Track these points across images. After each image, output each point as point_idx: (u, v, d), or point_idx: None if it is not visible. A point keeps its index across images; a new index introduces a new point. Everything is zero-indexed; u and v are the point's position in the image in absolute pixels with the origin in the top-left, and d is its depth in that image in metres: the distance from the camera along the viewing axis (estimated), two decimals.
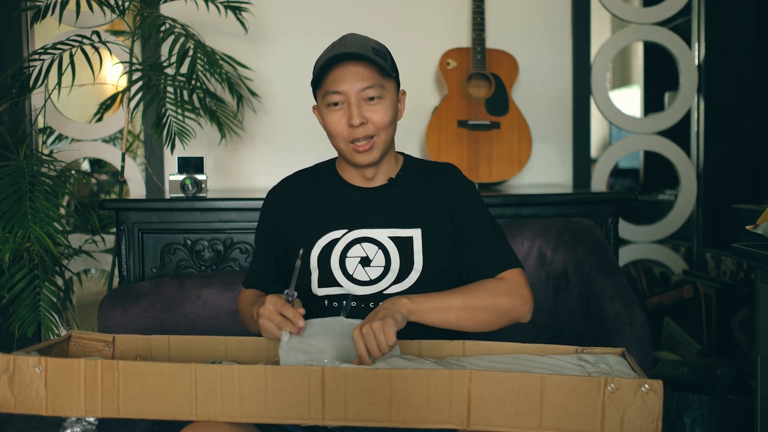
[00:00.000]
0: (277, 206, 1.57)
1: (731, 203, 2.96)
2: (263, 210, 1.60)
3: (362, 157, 1.46)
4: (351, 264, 1.47)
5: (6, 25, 2.65)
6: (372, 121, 1.43)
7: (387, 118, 1.44)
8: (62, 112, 2.72)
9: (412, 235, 1.49)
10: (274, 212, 1.57)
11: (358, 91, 1.41)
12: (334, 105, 1.43)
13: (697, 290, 2.86)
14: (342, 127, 1.43)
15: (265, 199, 1.61)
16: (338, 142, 1.46)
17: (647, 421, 1.08)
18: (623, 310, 1.75)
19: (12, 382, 1.20)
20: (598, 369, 1.28)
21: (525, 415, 1.10)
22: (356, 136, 1.43)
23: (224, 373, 1.14)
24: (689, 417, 2.02)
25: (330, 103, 1.43)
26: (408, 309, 1.33)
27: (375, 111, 1.43)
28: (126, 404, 1.17)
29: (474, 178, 2.59)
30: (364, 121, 1.42)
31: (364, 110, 1.42)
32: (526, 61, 2.77)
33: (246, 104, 2.65)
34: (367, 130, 1.43)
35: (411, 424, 1.12)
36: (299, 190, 1.58)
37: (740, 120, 3.00)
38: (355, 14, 2.76)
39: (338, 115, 1.43)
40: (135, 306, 1.93)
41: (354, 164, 1.50)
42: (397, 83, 1.49)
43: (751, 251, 1.62)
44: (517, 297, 1.44)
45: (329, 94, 1.42)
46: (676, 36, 2.94)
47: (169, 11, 2.55)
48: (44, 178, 2.08)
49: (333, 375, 1.12)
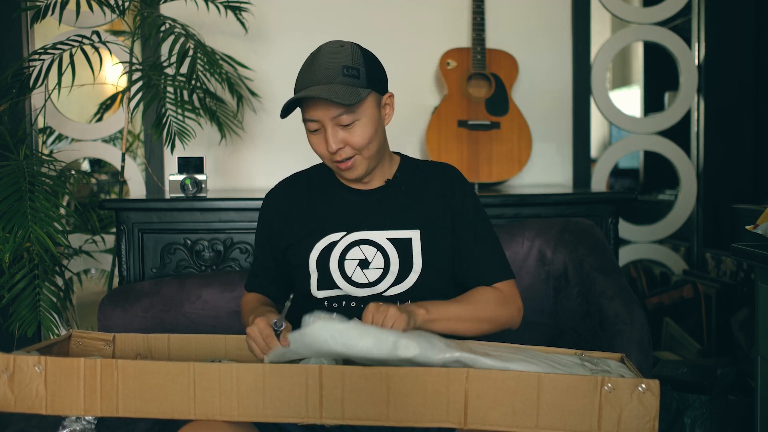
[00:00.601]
0: (275, 209, 1.58)
1: (731, 203, 2.96)
2: (261, 213, 1.61)
3: (347, 173, 1.48)
4: (350, 266, 1.47)
5: (6, 25, 2.66)
6: (349, 143, 1.43)
7: (365, 138, 1.43)
8: (62, 112, 2.72)
9: (411, 237, 1.49)
10: (272, 215, 1.58)
11: (330, 119, 1.42)
12: (313, 131, 1.45)
13: (697, 290, 2.86)
14: (323, 150, 1.46)
15: (263, 202, 1.62)
16: (325, 161, 1.49)
17: (644, 421, 1.08)
18: (623, 310, 1.75)
19: (12, 381, 1.20)
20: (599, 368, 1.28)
21: (522, 414, 1.10)
22: (336, 159, 1.45)
23: (222, 371, 1.15)
24: (689, 417, 2.02)
25: (310, 129, 1.45)
26: (423, 319, 1.34)
27: (352, 134, 1.43)
28: (125, 403, 1.17)
29: (474, 178, 2.59)
30: (341, 146, 1.43)
31: (339, 135, 1.42)
32: (526, 61, 2.77)
33: (246, 104, 2.65)
34: (346, 153, 1.44)
35: (408, 423, 1.13)
36: (297, 192, 1.58)
37: (740, 120, 3.00)
38: (355, 14, 2.76)
39: (318, 139, 1.45)
40: (135, 306, 1.93)
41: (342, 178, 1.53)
42: (379, 91, 1.47)
43: (751, 251, 1.62)
44: (514, 308, 1.50)
45: (307, 121, 1.44)
46: (676, 36, 2.94)
47: (169, 11, 2.55)
48: (44, 178, 2.08)
49: (331, 374, 1.13)
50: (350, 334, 1.16)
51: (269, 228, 1.58)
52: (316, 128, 1.43)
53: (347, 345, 1.15)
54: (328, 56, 1.42)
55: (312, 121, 1.43)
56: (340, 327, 1.16)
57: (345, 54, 1.42)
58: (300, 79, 1.43)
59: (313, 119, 1.42)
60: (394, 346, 1.16)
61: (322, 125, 1.42)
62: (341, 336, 1.16)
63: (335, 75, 1.39)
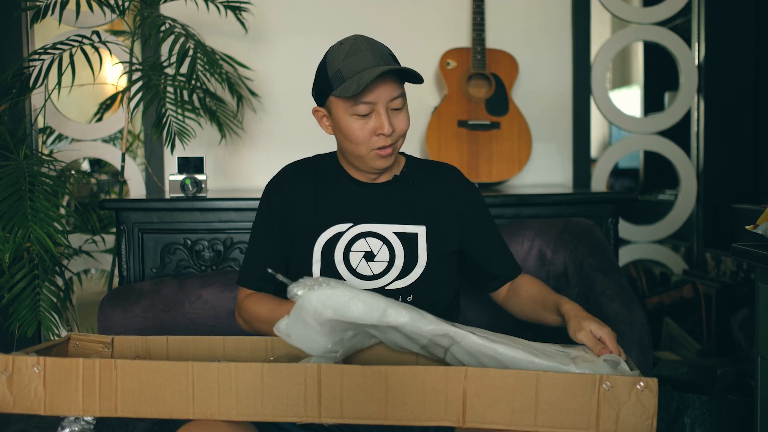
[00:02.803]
0: (280, 196, 1.55)
1: (731, 203, 2.96)
2: (267, 200, 1.57)
3: (383, 161, 1.48)
4: (355, 258, 1.49)
5: (6, 25, 2.66)
6: (396, 129, 1.45)
7: (407, 124, 1.48)
8: (62, 112, 2.72)
9: (417, 232, 1.52)
10: (280, 202, 1.55)
11: (387, 101, 1.43)
12: (363, 114, 1.43)
13: (697, 290, 2.86)
14: (367, 134, 1.44)
15: (266, 190, 1.59)
16: (359, 149, 1.46)
17: (642, 419, 1.08)
18: (623, 310, 1.75)
19: (11, 381, 1.20)
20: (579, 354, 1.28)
21: (520, 413, 1.10)
22: (381, 144, 1.45)
23: (221, 371, 1.15)
24: (689, 417, 2.02)
25: (357, 113, 1.43)
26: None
27: (400, 120, 1.46)
28: (124, 403, 1.17)
29: (474, 178, 2.59)
30: (392, 131, 1.44)
31: (392, 119, 1.44)
32: (526, 61, 2.77)
33: (246, 104, 2.65)
34: (392, 138, 1.46)
35: (407, 422, 1.13)
36: (302, 181, 1.56)
37: (740, 120, 3.00)
38: (355, 14, 2.77)
39: (362, 123, 1.44)
40: (135, 306, 1.93)
41: (371, 169, 1.50)
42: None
43: (751, 251, 1.62)
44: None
45: (359, 105, 1.42)
46: (676, 36, 2.94)
47: (169, 11, 2.55)
48: (44, 178, 2.08)
49: (329, 373, 1.13)
50: (340, 299, 1.16)
51: (279, 214, 1.55)
52: (367, 112, 1.42)
53: (338, 310, 1.16)
54: (371, 44, 1.44)
55: (366, 104, 1.42)
56: (329, 292, 1.17)
57: (382, 44, 1.46)
58: (350, 64, 1.41)
59: (369, 101, 1.41)
60: (384, 313, 1.17)
61: (374, 108, 1.42)
62: (330, 300, 1.16)
63: (389, 59, 1.43)
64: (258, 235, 1.57)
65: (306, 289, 1.18)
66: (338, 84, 1.41)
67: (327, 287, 1.17)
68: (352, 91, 1.38)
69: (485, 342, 1.19)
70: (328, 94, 1.45)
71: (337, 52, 1.44)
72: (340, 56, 1.42)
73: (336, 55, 1.43)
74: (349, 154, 1.49)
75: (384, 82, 1.41)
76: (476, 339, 1.19)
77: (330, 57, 1.45)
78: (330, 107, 1.47)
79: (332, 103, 1.45)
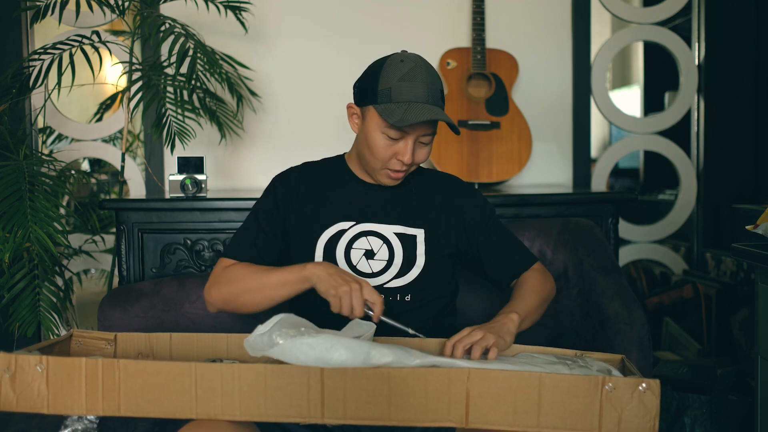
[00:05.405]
0: (288, 189, 1.59)
1: (731, 203, 2.96)
2: (273, 189, 1.60)
3: (391, 181, 1.54)
4: (356, 255, 1.53)
5: (6, 25, 2.65)
6: (416, 160, 1.50)
7: (427, 157, 1.53)
8: (62, 112, 2.72)
9: (417, 234, 1.56)
10: (286, 194, 1.58)
11: (418, 136, 1.46)
12: (393, 138, 1.46)
13: (697, 290, 2.86)
14: (388, 155, 1.48)
15: (274, 181, 1.62)
16: (374, 162, 1.50)
17: (644, 420, 1.08)
18: (623, 310, 1.75)
19: (14, 380, 1.20)
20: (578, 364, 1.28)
21: (523, 414, 1.10)
22: (397, 168, 1.49)
23: (224, 371, 1.15)
24: (689, 417, 2.03)
25: (388, 134, 1.46)
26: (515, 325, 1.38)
27: (423, 153, 1.50)
28: (126, 403, 1.17)
29: (474, 178, 2.59)
30: (412, 162, 1.49)
31: (416, 151, 1.48)
32: (526, 61, 2.77)
33: (246, 104, 2.65)
34: (408, 167, 1.51)
35: (410, 423, 1.13)
36: (310, 178, 1.61)
37: (740, 120, 3.00)
38: (355, 14, 2.76)
39: (389, 144, 1.47)
40: (135, 306, 1.93)
41: (376, 180, 1.56)
42: None
43: (751, 251, 1.63)
44: (552, 280, 1.62)
45: (393, 129, 1.44)
46: (676, 36, 2.94)
47: (169, 11, 2.55)
48: (44, 178, 2.08)
49: (332, 374, 1.13)
50: (321, 347, 1.14)
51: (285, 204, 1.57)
52: (398, 137, 1.46)
53: (320, 359, 1.14)
54: (428, 74, 1.47)
55: (400, 132, 1.45)
56: (311, 341, 1.14)
57: (437, 77, 1.49)
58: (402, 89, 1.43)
59: (404, 132, 1.45)
60: (368, 356, 1.14)
61: (404, 137, 1.46)
62: (313, 351, 1.14)
63: (439, 97, 1.47)
64: (256, 218, 1.59)
65: (287, 339, 1.16)
66: (384, 101, 1.44)
67: (308, 336, 1.15)
68: (393, 120, 1.41)
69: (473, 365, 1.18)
70: (369, 102, 1.47)
71: (394, 68, 1.46)
72: (396, 75, 1.44)
73: (392, 71, 1.45)
74: (364, 158, 1.53)
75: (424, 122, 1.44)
76: (463, 364, 1.17)
77: (386, 69, 1.46)
78: (365, 113, 1.49)
79: (369, 111, 1.48)
